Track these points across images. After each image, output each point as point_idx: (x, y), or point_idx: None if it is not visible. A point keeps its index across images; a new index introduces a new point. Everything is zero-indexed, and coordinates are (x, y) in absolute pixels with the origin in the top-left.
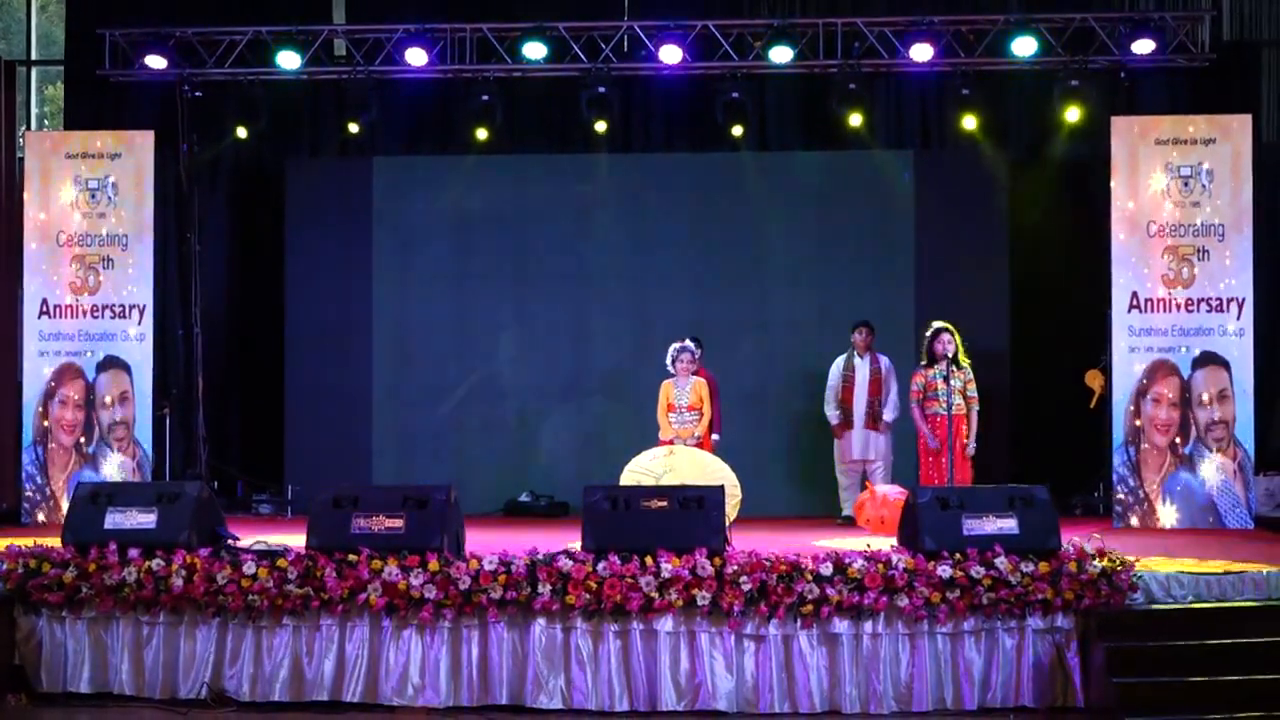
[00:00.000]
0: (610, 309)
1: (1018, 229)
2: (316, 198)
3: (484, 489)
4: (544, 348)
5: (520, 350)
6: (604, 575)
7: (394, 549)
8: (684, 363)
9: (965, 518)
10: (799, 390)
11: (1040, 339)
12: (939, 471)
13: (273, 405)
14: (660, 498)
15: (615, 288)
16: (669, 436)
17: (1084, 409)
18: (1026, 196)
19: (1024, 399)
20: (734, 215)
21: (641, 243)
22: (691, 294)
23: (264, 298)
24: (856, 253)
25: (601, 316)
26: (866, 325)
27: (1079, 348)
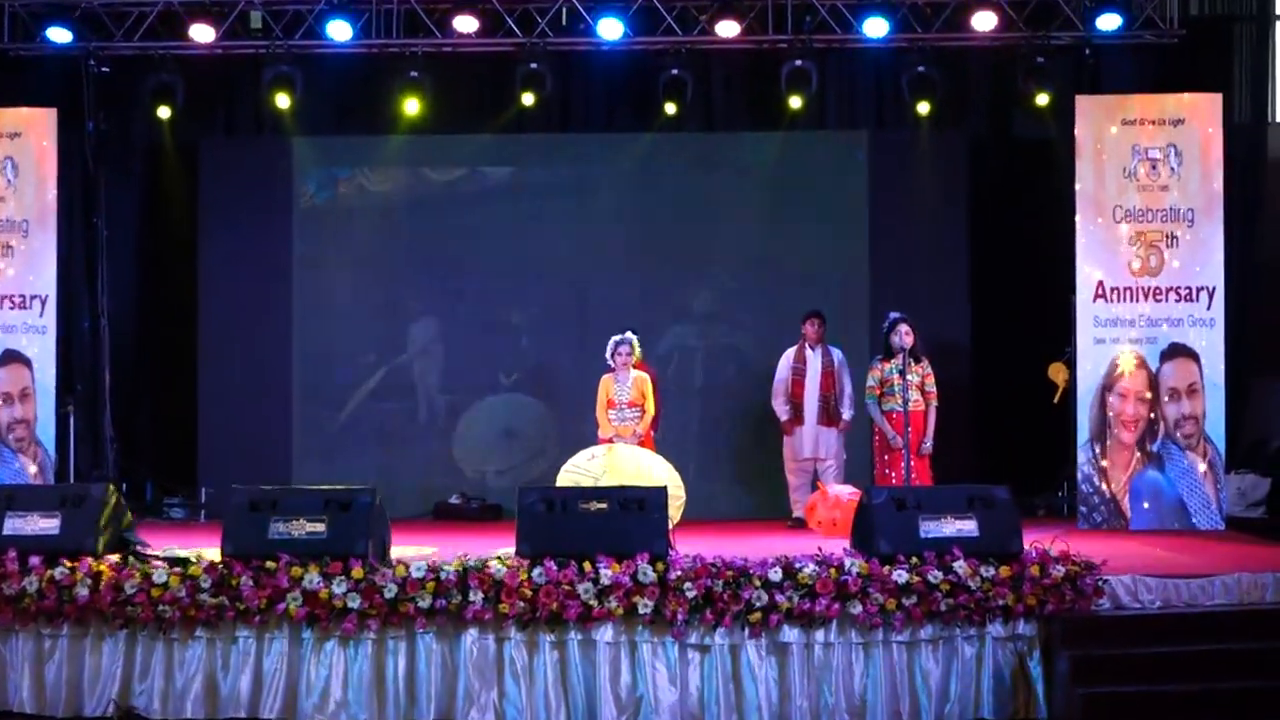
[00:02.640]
0: (546, 299)
1: (978, 214)
2: (233, 180)
3: (411, 491)
4: (476, 340)
5: (451, 343)
6: (539, 582)
7: (315, 555)
8: (624, 356)
9: (922, 519)
10: (746, 384)
11: (1002, 330)
12: (895, 470)
13: (185, 402)
14: (599, 499)
15: (552, 276)
16: (608, 435)
17: (1047, 404)
18: (987, 180)
19: (985, 393)
20: (678, 199)
21: (580, 228)
22: (632, 283)
23: (176, 287)
24: (807, 239)
25: (537, 307)
26: (818, 315)
27: (1042, 339)
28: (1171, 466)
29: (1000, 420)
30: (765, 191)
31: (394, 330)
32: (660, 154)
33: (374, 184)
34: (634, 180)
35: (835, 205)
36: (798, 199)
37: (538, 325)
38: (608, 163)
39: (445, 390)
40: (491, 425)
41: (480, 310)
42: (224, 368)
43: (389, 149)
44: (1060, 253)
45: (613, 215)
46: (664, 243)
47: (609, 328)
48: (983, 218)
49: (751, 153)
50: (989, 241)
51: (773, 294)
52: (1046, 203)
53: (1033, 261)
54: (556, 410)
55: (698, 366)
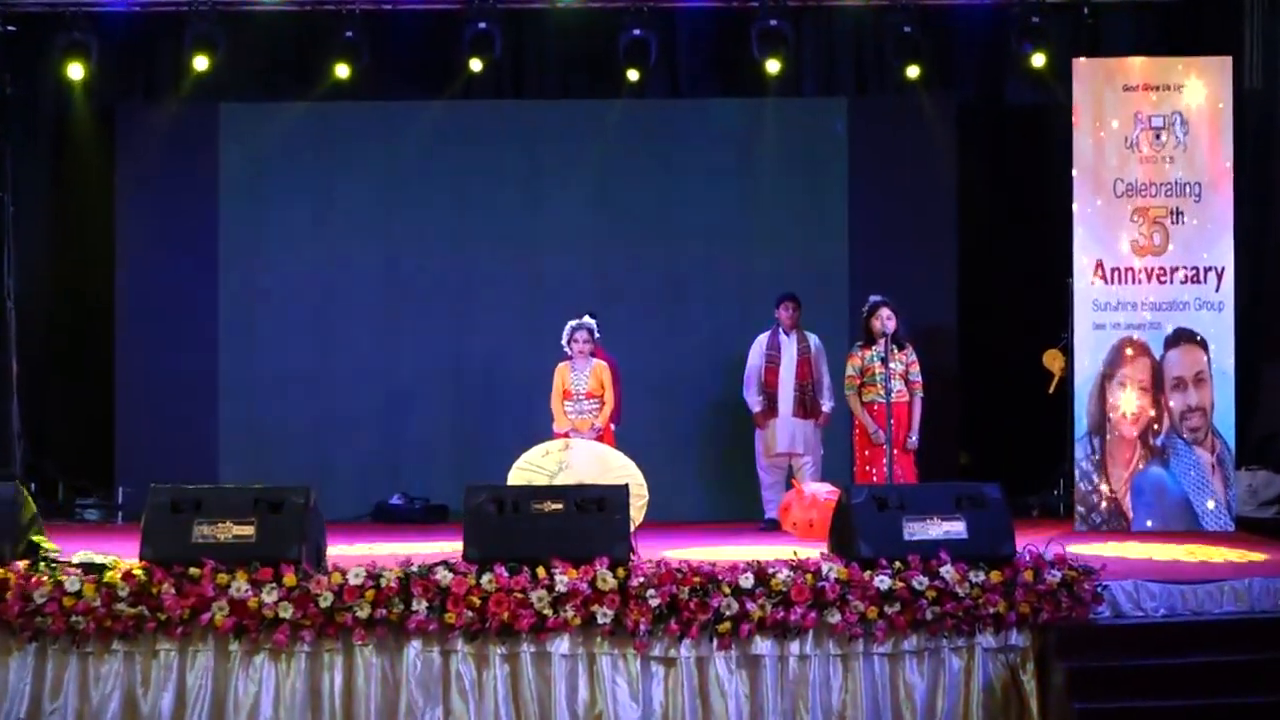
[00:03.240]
0: (496, 280)
1: (967, 188)
2: (154, 150)
3: (349, 490)
4: (420, 325)
5: (392, 328)
6: (489, 590)
7: (243, 561)
8: (581, 343)
9: (906, 520)
10: (715, 373)
11: (992, 314)
12: (877, 467)
13: (101, 393)
14: (554, 499)
15: (503, 256)
16: (564, 428)
17: (1042, 395)
18: (977, 151)
19: (974, 383)
20: (640, 172)
21: (533, 204)
22: (590, 264)
23: (91, 266)
24: (781, 217)
25: (486, 288)
26: (793, 298)
27: (1036, 324)
28: (1177, 462)
29: (991, 412)
30: (735, 165)
31: (329, 315)
32: (621, 124)
33: (308, 155)
34: (592, 153)
35: (812, 179)
36: (771, 173)
37: (487, 309)
38: (563, 134)
39: (386, 380)
40: (437, 418)
41: (423, 292)
42: (144, 355)
43: (325, 116)
44: (1056, 230)
45: (569, 191)
46: (625, 221)
47: (565, 311)
48: (972, 192)
49: (721, 122)
50: (979, 218)
51: (744, 276)
52: (1041, 176)
53: (1026, 240)
54: (508, 401)
55: (662, 354)
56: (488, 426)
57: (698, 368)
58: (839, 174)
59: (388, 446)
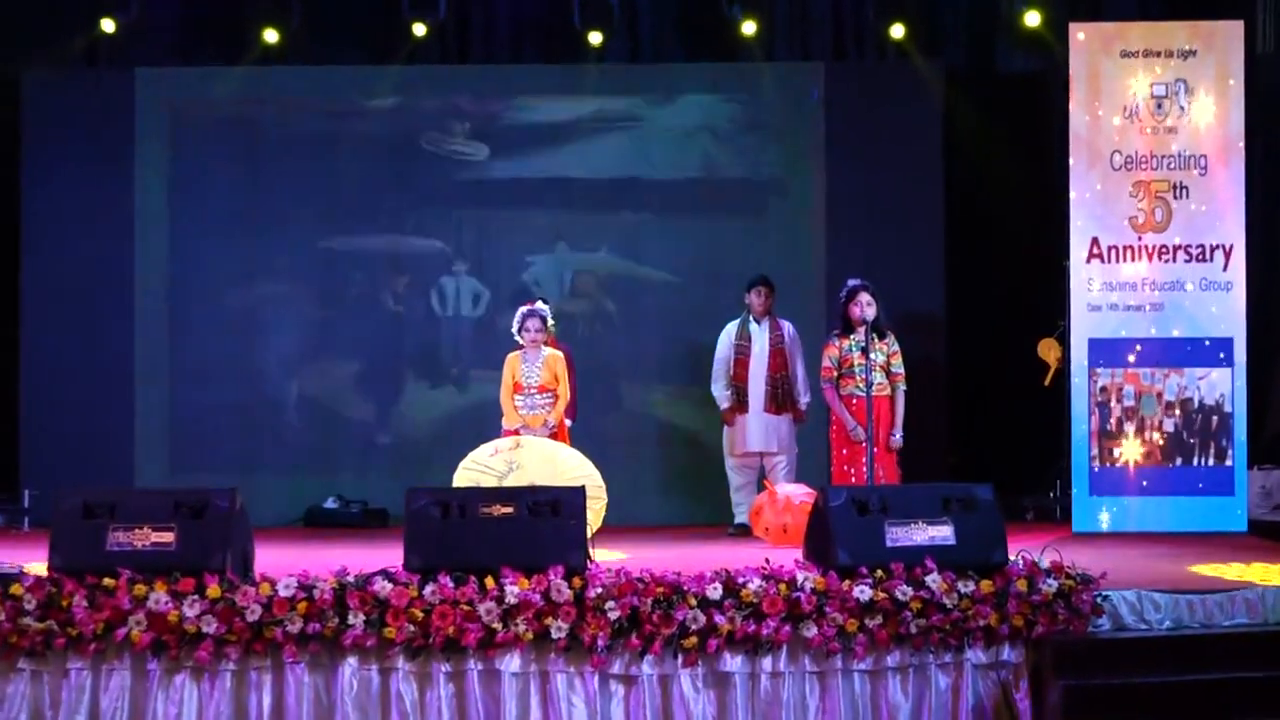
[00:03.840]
0: (440, 260)
1: (955, 162)
2: (62, 120)
3: (279, 493)
4: (356, 310)
5: (326, 314)
6: (432, 601)
7: (163, 570)
8: (533, 331)
9: (889, 525)
10: (679, 365)
11: (983, 299)
12: (856, 467)
13: (5, 387)
14: (504, 502)
15: (447, 233)
16: (515, 425)
17: (1037, 387)
18: (965, 121)
19: (962, 375)
20: (598, 144)
21: (480, 179)
22: (544, 243)
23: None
24: (752, 192)
25: (429, 269)
26: (765, 282)
27: (1031, 310)
28: (1184, 460)
29: (981, 407)
30: (701, 136)
31: (256, 299)
32: (578, 90)
33: (232, 125)
34: (545, 120)
35: (785, 151)
36: (741, 145)
37: (429, 291)
38: (513, 100)
39: (318, 372)
40: (376, 413)
41: (360, 274)
42: (52, 346)
43: (252, 83)
44: (1051, 206)
45: (520, 162)
46: (581, 196)
47: (516, 295)
48: (960, 166)
49: (684, 88)
50: (967, 195)
51: (711, 258)
52: (1035, 149)
53: (1019, 218)
54: (453, 394)
55: (621, 343)
56: (430, 423)
57: (660, 358)
58: (814, 146)
59: (322, 444)
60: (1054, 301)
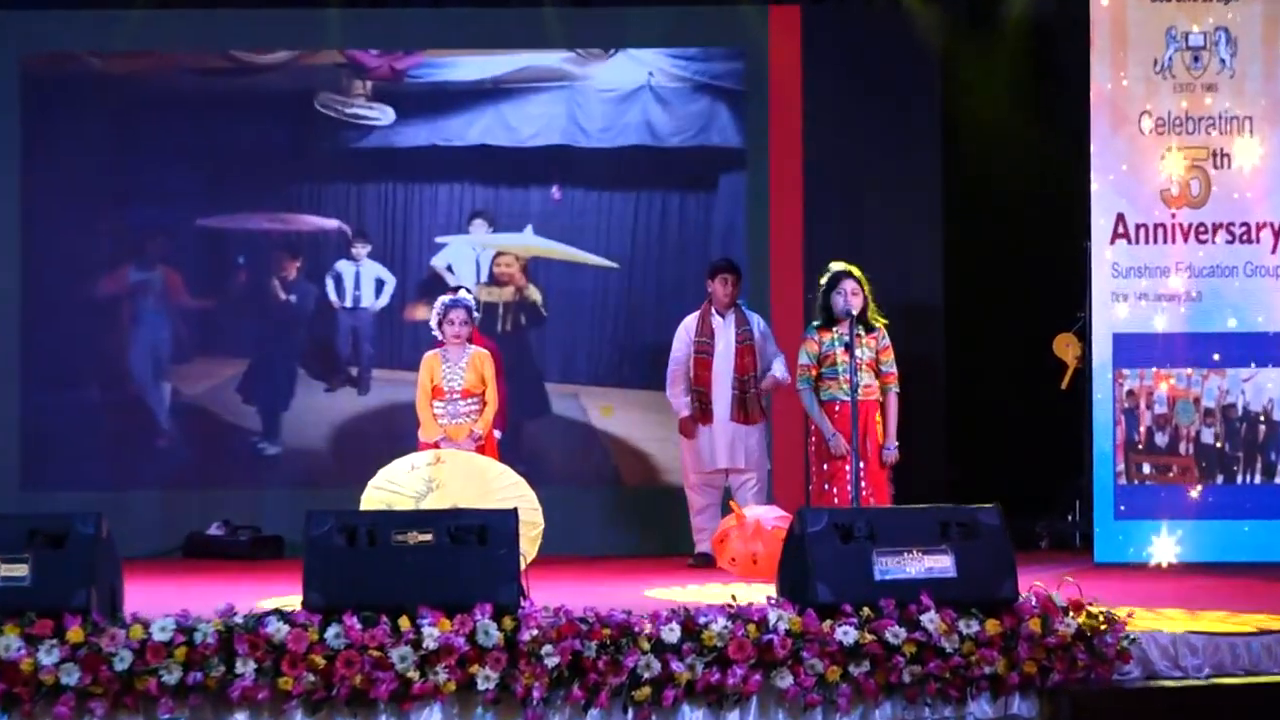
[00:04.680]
0: (338, 243)
1: (954, 126)
2: None
3: (153, 516)
4: (241, 301)
5: (206, 305)
6: (336, 646)
7: (14, 610)
8: (457, 324)
9: (878, 554)
10: (628, 366)
11: (988, 287)
12: (839, 485)
13: None
14: (421, 529)
15: (345, 212)
16: (434, 436)
17: (1053, 391)
18: (967, 76)
19: (964, 376)
20: (522, 105)
21: (391, 139)
22: (458, 222)
23: None
24: (713, 162)
25: (325, 254)
26: (730, 269)
27: (1045, 299)
28: (1226, 478)
29: (986, 414)
30: (651, 91)
31: (123, 287)
32: (499, 42)
33: (95, 82)
34: (462, 79)
35: (753, 112)
36: (699, 103)
37: (326, 278)
38: (425, 55)
39: (197, 372)
40: (263, 421)
41: (246, 258)
42: None
43: (116, 32)
44: (1069, 177)
45: (431, 127)
46: (503, 167)
47: (426, 282)
48: (961, 130)
49: (634, 35)
50: (971, 164)
51: (666, 240)
52: (1050, 109)
53: (1031, 191)
54: (353, 399)
55: (551, 340)
56: (331, 432)
57: (600, 357)
58: (786, 108)
59: (202, 458)
60: (1072, 290)
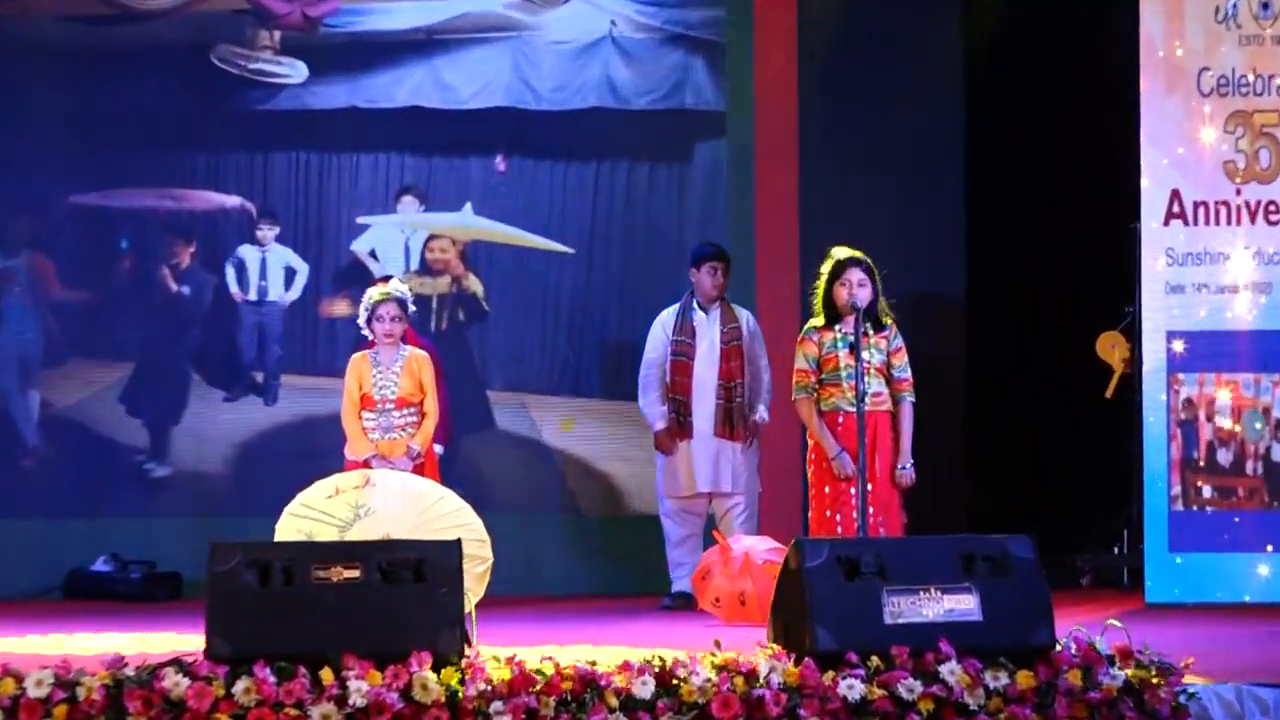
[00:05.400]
0: (239, 225)
1: (978, 86)
2: None
3: (26, 549)
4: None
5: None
6: (246, 703)
7: None
8: (389, 321)
9: (889, 593)
10: (593, 370)
11: (1018, 277)
12: (843, 512)
13: None
14: (348, 563)
15: (249, 187)
16: (363, 454)
17: (1096, 400)
18: (994, 27)
19: (990, 381)
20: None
21: (295, 107)
22: (383, 199)
23: None
24: (686, 124)
25: (224, 237)
26: (719, 256)
27: (1085, 291)
28: None
29: (1015, 427)
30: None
31: None
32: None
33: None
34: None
35: (735, 68)
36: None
37: (226, 266)
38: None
39: (77, 380)
40: (150, 436)
41: (129, 242)
42: None
43: None
44: (1115, 147)
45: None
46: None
47: (346, 271)
48: (985, 90)
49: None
50: (997, 134)
51: (632, 220)
52: (1092, 66)
53: (1069, 163)
54: (259, 409)
55: (505, 341)
56: (233, 450)
57: (566, 362)
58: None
59: (80, 480)
60: (1118, 280)
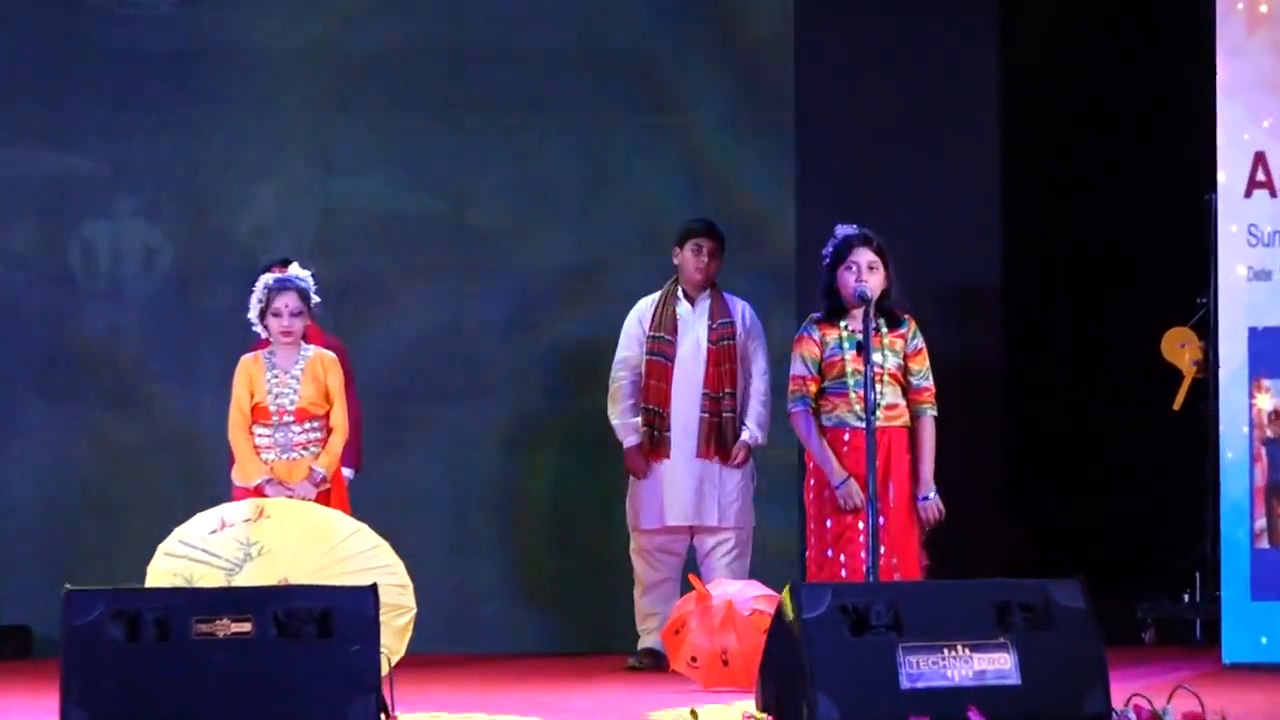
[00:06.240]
0: (89, 194)
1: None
2: None
3: None
4: None
5: None
6: None
7: None
8: (288, 315)
9: (906, 652)
10: (548, 377)
11: (1064, 266)
12: (849, 550)
13: None
14: (238, 615)
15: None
16: (255, 478)
17: (1161, 413)
18: None
19: (1032, 395)
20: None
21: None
22: (273, 162)
23: None
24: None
25: (70, 209)
26: (709, 233)
27: (1146, 280)
28: None
29: (1061, 446)
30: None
31: None
32: None
33: None
34: None
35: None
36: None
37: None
38: None
39: None
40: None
41: None
42: None
43: None
44: (1183, 102)
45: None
46: (343, 81)
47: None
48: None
49: None
50: (1038, 88)
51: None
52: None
53: (1125, 121)
54: (117, 424)
55: (445, 343)
56: (85, 474)
57: (511, 365)
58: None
59: None
60: (1188, 265)
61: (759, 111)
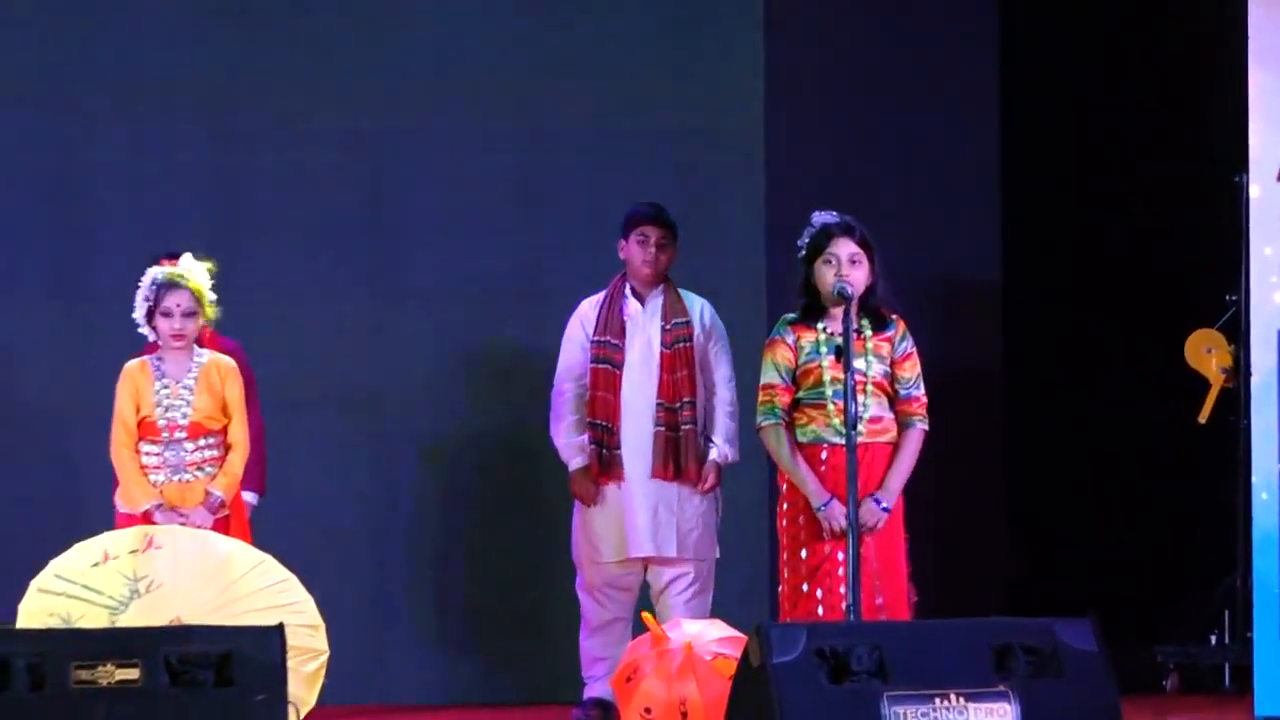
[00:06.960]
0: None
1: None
2: None
3: None
4: None
5: None
6: None
7: None
8: (180, 315)
9: (891, 701)
10: (479, 390)
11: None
12: (827, 585)
13: None
14: (124, 660)
15: None
16: (143, 503)
17: (1186, 426)
18: None
19: (1037, 407)
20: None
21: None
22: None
23: None
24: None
25: None
26: (658, 220)
27: (1167, 278)
28: None
29: (1069, 467)
30: None
31: None
32: None
33: None
34: None
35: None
36: None
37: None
38: None
39: None
40: None
41: None
42: None
43: None
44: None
45: None
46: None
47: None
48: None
49: None
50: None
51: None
52: None
53: (1142, 100)
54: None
55: (365, 352)
56: None
57: (422, 369)
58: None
59: None
60: (1215, 262)
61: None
